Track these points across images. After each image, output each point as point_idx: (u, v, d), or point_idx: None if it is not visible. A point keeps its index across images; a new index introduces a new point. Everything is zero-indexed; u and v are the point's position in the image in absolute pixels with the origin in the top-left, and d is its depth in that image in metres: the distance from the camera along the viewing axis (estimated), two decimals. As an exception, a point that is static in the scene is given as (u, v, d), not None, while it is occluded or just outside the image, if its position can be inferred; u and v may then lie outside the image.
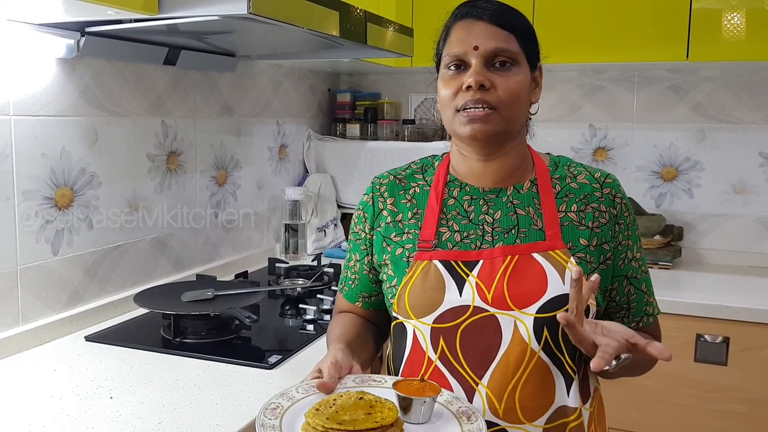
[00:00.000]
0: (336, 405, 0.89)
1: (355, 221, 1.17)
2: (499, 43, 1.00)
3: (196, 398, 1.20)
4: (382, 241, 1.09)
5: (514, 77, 1.00)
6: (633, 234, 1.07)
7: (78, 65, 1.56)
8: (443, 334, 1.00)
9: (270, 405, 0.92)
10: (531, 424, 0.97)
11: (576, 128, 2.52)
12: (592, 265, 1.02)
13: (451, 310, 1.00)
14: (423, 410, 0.91)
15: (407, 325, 1.04)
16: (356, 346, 1.07)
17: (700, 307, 1.91)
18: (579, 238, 1.02)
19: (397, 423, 0.87)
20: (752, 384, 1.89)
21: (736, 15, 2.02)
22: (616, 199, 1.06)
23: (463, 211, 1.06)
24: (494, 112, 0.99)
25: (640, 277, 1.08)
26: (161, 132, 1.83)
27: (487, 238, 1.03)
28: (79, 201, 1.58)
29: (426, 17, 2.33)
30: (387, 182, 1.14)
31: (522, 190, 1.06)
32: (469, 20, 1.02)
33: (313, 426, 0.84)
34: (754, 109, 2.32)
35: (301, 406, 0.91)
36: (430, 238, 1.04)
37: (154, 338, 1.51)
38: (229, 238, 2.16)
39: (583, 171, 1.08)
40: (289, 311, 1.78)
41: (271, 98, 2.35)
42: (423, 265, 1.03)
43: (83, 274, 1.61)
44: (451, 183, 1.09)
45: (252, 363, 1.36)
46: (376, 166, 2.53)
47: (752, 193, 2.36)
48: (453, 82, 1.02)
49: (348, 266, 1.18)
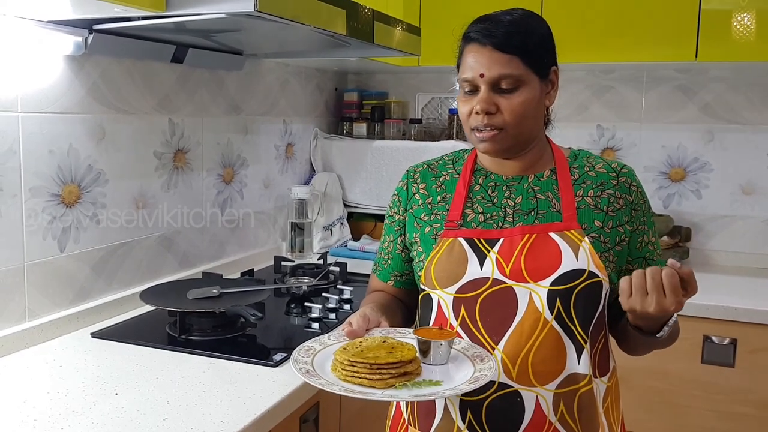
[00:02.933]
0: (362, 346, 1.00)
1: (390, 206, 1.26)
2: (503, 69, 1.06)
3: (201, 395, 1.21)
4: (414, 221, 1.19)
5: (518, 98, 1.08)
6: (648, 220, 1.14)
7: (86, 63, 1.57)
8: (464, 303, 1.09)
9: (304, 347, 1.03)
10: (543, 387, 1.05)
11: (584, 128, 2.51)
12: (607, 245, 1.09)
13: (472, 281, 1.08)
14: (440, 353, 1.00)
15: (433, 296, 1.12)
16: (385, 311, 1.15)
17: (708, 308, 1.90)
18: (594, 220, 1.10)
19: (415, 361, 0.97)
20: (759, 386, 1.88)
21: (745, 15, 2.01)
22: (632, 187, 1.13)
23: (488, 196, 1.15)
24: (502, 132, 1.08)
25: (656, 260, 1.15)
26: (168, 130, 1.84)
27: (509, 219, 1.11)
28: (86, 198, 1.59)
29: (434, 16, 2.32)
30: (421, 170, 1.23)
31: (542, 178, 1.15)
32: (475, 45, 1.09)
33: (341, 361, 0.96)
34: (763, 109, 2.31)
35: (331, 350, 1.02)
36: (456, 218, 1.13)
37: (160, 335, 1.51)
38: (236, 237, 2.16)
39: (600, 161, 1.17)
40: (294, 309, 1.78)
41: (278, 97, 2.36)
42: (449, 242, 1.11)
43: (90, 270, 1.61)
44: (478, 172, 1.18)
45: (257, 361, 1.36)
46: (383, 165, 2.52)
47: (761, 194, 2.34)
48: (467, 104, 1.11)
49: (382, 248, 1.27)
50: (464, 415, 1.07)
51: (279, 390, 1.24)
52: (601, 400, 1.10)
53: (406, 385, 0.94)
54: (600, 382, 1.10)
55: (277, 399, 1.20)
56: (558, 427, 1.05)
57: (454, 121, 2.61)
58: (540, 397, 1.05)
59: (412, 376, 0.96)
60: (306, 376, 0.95)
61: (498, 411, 1.05)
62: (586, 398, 1.07)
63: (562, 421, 1.05)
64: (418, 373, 0.98)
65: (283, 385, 1.26)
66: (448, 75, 2.69)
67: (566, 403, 1.05)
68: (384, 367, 0.94)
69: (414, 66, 2.38)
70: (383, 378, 0.93)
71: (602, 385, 1.11)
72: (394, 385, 0.94)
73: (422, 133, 2.65)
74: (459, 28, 1.14)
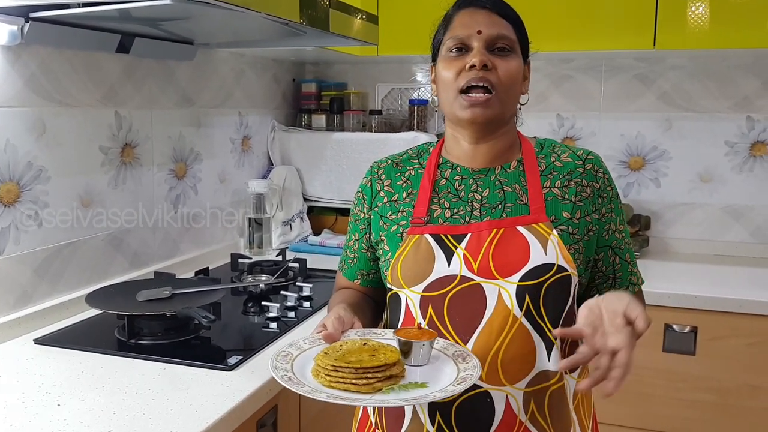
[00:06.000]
0: (342, 349, 0.97)
1: (354, 203, 1.21)
2: (501, 30, 1.06)
3: (150, 403, 1.14)
4: (379, 219, 1.15)
5: (512, 62, 1.06)
6: (616, 207, 1.12)
7: (23, 53, 1.47)
8: (432, 302, 1.05)
9: (281, 353, 1.00)
10: (512, 386, 1.02)
11: (544, 118, 2.50)
12: (576, 237, 1.06)
13: (439, 279, 1.05)
14: (422, 353, 0.98)
15: (401, 295, 1.09)
16: (356, 311, 1.12)
17: (669, 297, 1.90)
18: (562, 212, 1.07)
19: (399, 363, 0.95)
20: (720, 373, 1.89)
21: (702, 3, 2.01)
22: (599, 174, 1.11)
23: (454, 190, 1.11)
24: (493, 96, 1.04)
25: (623, 248, 1.13)
26: (115, 123, 1.75)
27: (476, 213, 1.08)
28: (26, 197, 1.50)
29: (392, 5, 2.27)
30: (385, 166, 1.19)
31: (509, 169, 1.11)
32: (472, 8, 1.09)
33: (323, 366, 0.93)
34: (720, 97, 2.33)
35: (309, 354, 1.00)
36: (422, 214, 1.09)
37: (108, 340, 1.44)
38: (190, 234, 2.08)
39: (566, 150, 1.14)
40: (252, 309, 1.72)
41: (233, 88, 2.28)
42: (415, 239, 1.08)
43: (32, 273, 1.53)
44: (444, 165, 1.14)
45: (211, 365, 1.30)
46: (343, 158, 2.47)
47: (718, 181, 2.36)
48: (455, 63, 1.06)
49: (348, 246, 1.23)
50: (433, 418, 1.04)
51: (233, 395, 1.18)
52: (571, 397, 1.08)
53: (393, 389, 0.92)
54: (570, 378, 1.08)
55: (232, 404, 1.15)
56: (528, 427, 1.03)
57: (414, 111, 2.57)
58: (510, 397, 1.02)
59: (398, 379, 0.94)
60: (289, 383, 0.91)
61: (468, 412, 1.02)
62: (556, 396, 1.04)
63: (532, 420, 1.03)
64: (402, 376, 0.95)
65: (237, 389, 1.20)
66: (409, 65, 2.65)
67: (537, 402, 1.03)
68: (369, 371, 0.92)
69: (373, 56, 2.33)
70: (369, 382, 0.91)
71: (572, 382, 1.08)
72: (381, 389, 0.92)
73: (383, 124, 2.61)
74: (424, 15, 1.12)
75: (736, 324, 1.86)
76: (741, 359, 1.87)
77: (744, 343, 1.87)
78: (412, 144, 2.00)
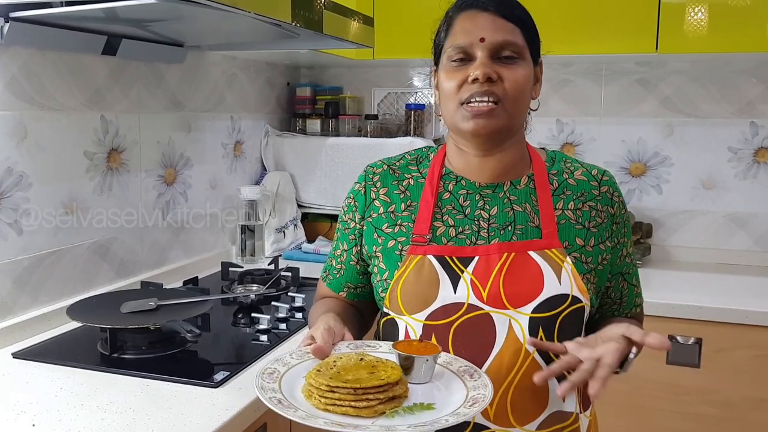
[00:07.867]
0: (337, 366, 0.88)
1: (344, 209, 1.12)
2: (506, 36, 0.97)
3: (131, 423, 1.08)
4: (373, 231, 1.06)
5: (520, 70, 0.98)
6: (628, 231, 1.07)
7: (3, 54, 1.41)
8: (435, 332, 0.97)
9: (266, 370, 0.90)
10: (522, 428, 0.95)
11: (543, 123, 2.45)
12: (589, 266, 1.00)
13: (444, 307, 0.97)
14: (425, 369, 0.89)
15: (399, 321, 1.01)
16: (344, 322, 1.03)
17: (672, 307, 1.85)
18: (575, 238, 1.00)
19: (402, 381, 0.86)
20: (725, 386, 1.84)
21: (705, 7, 1.96)
22: (614, 198, 1.05)
23: (459, 206, 1.02)
24: (498, 107, 0.96)
25: (632, 272, 1.09)
26: (101, 128, 1.69)
27: (483, 234, 1.00)
28: (5, 204, 1.44)
29: (388, 7, 2.22)
30: (380, 171, 1.09)
31: (519, 186, 1.03)
32: (473, 11, 0.99)
33: (317, 386, 0.83)
34: (723, 102, 2.28)
35: (297, 371, 0.91)
36: (424, 232, 1.01)
37: (90, 354, 1.37)
38: (180, 242, 2.02)
39: (579, 167, 1.06)
40: (242, 320, 1.66)
41: (225, 92, 2.22)
42: (417, 260, 0.99)
43: (12, 283, 1.46)
44: (447, 176, 1.05)
45: (195, 381, 1.23)
46: (339, 164, 2.42)
47: (721, 188, 2.31)
48: (457, 74, 0.98)
49: (334, 255, 1.14)
50: None
51: (219, 414, 1.12)
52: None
53: (397, 412, 0.82)
54: (584, 417, 1.00)
55: (218, 424, 1.08)
56: None
57: (411, 116, 2.52)
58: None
59: (402, 400, 0.84)
60: (279, 407, 0.81)
61: None
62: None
63: None
64: (406, 396, 0.85)
65: (224, 408, 1.14)
66: (405, 69, 2.60)
67: None
68: (370, 392, 0.81)
69: (369, 59, 2.28)
70: (371, 404, 0.81)
71: (585, 420, 1.01)
72: (384, 412, 0.81)
73: (378, 129, 2.55)
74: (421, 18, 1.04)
75: (741, 335, 1.80)
76: (747, 371, 1.81)
77: (750, 355, 1.81)
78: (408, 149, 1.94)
